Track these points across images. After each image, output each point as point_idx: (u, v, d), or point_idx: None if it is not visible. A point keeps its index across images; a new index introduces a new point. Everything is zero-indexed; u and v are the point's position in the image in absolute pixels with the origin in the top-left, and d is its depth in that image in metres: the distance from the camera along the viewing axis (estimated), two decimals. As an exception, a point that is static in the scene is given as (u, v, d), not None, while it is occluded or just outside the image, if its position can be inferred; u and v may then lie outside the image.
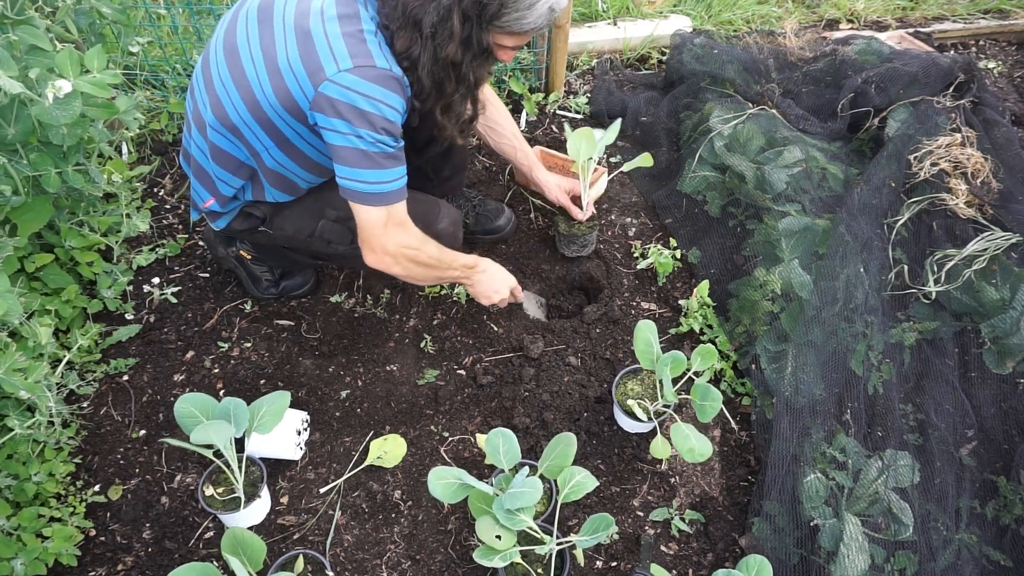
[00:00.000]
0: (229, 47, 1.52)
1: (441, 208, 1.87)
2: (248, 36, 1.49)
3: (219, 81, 1.53)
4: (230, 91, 1.51)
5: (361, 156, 1.43)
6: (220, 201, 1.74)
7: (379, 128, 1.41)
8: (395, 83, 1.42)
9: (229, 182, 1.69)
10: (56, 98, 1.48)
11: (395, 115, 1.44)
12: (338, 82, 1.37)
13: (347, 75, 1.36)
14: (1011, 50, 3.29)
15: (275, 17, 1.46)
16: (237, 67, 1.49)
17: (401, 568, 1.58)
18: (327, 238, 1.80)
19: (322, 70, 1.37)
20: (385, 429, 1.83)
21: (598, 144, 2.08)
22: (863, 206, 2.05)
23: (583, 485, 1.40)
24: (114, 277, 2.05)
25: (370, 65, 1.38)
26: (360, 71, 1.37)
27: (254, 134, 1.55)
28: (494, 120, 2.07)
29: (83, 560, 1.59)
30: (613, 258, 2.24)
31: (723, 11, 3.36)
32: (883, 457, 1.58)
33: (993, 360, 1.76)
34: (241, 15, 1.53)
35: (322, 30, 1.39)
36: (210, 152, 1.65)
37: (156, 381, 1.92)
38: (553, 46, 2.65)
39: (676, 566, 1.59)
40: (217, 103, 1.54)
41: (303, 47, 1.39)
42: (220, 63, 1.53)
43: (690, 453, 1.53)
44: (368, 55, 1.38)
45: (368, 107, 1.39)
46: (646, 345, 1.64)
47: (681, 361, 1.61)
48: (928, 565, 1.46)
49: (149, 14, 2.62)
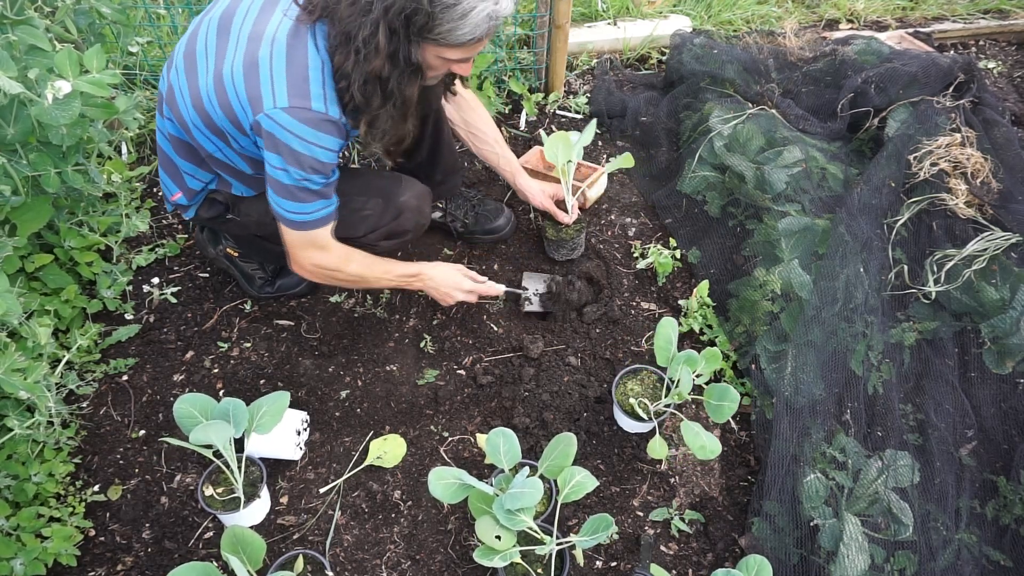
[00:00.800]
0: (189, 53, 1.55)
1: (403, 182, 1.85)
2: (207, 46, 1.51)
3: (177, 85, 1.56)
4: (185, 96, 1.54)
5: (284, 189, 1.49)
6: (187, 195, 1.77)
7: (306, 167, 1.45)
8: (330, 126, 1.44)
9: (195, 174, 1.72)
10: (55, 98, 1.48)
11: (327, 155, 1.47)
12: (273, 118, 1.40)
13: (282, 113, 1.40)
14: (1011, 50, 3.29)
15: (232, 30, 1.48)
16: (193, 74, 1.52)
17: (401, 568, 1.58)
18: None
19: (260, 101, 1.40)
20: (385, 429, 1.83)
21: (575, 147, 2.08)
22: (863, 206, 2.05)
23: (583, 485, 1.40)
24: (114, 277, 2.05)
25: (305, 108, 1.40)
26: (294, 112, 1.39)
27: (204, 136, 1.58)
28: (476, 127, 2.08)
29: (83, 560, 1.58)
30: (613, 258, 2.24)
31: (723, 11, 3.36)
32: (883, 457, 1.58)
33: (993, 360, 1.76)
34: (204, 23, 1.55)
35: (268, 61, 1.40)
36: (173, 147, 1.68)
37: (156, 381, 1.92)
38: (553, 46, 2.65)
39: (676, 566, 1.59)
40: (174, 105, 1.58)
41: (247, 75, 1.42)
42: (180, 68, 1.56)
43: (702, 450, 1.54)
44: (306, 96, 1.40)
45: (299, 147, 1.42)
46: (666, 342, 1.64)
47: (695, 360, 1.62)
48: (928, 565, 1.46)
49: (149, 14, 2.62)
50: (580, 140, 2.12)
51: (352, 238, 1.79)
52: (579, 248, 2.23)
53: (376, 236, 1.83)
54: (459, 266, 1.91)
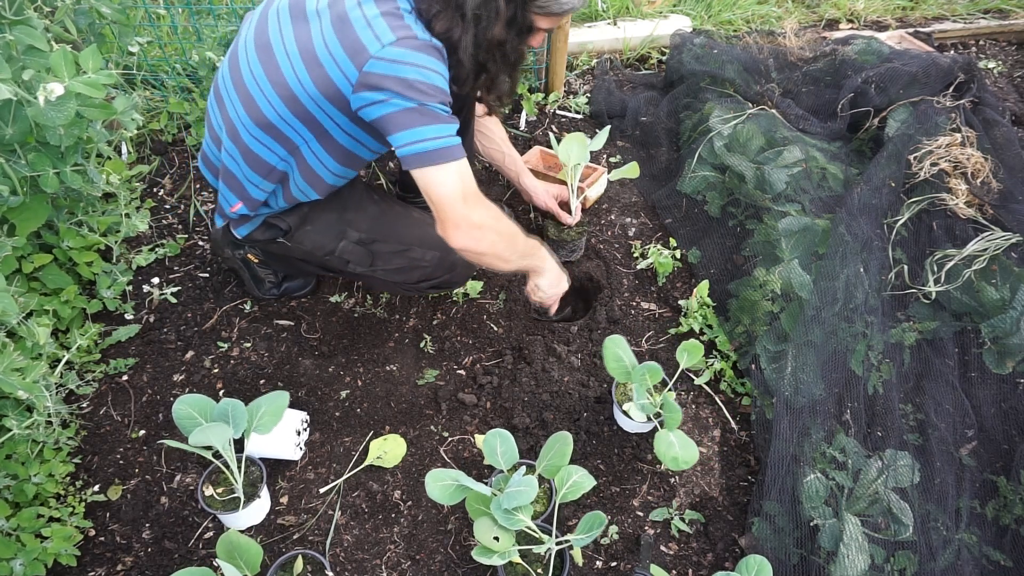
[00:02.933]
0: (261, 44, 1.50)
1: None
2: (281, 32, 1.48)
3: (252, 79, 1.52)
4: (264, 88, 1.49)
5: (415, 115, 1.37)
6: (250, 205, 1.71)
7: (427, 94, 1.37)
8: (438, 52, 1.40)
9: (260, 185, 1.66)
10: (48, 100, 1.47)
11: (442, 81, 1.40)
12: (383, 57, 1.34)
13: (392, 48, 1.34)
14: (1011, 50, 3.29)
15: (308, 10, 1.46)
16: (271, 63, 1.48)
17: (401, 568, 1.58)
18: (346, 258, 1.80)
19: (365, 50, 1.34)
20: (385, 429, 1.83)
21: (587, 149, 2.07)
22: (863, 206, 2.05)
23: (581, 485, 1.40)
24: (113, 277, 2.05)
25: (412, 36, 1.36)
26: (404, 42, 1.34)
27: (293, 128, 1.53)
28: (485, 125, 2.08)
29: (82, 560, 1.58)
30: (613, 258, 2.24)
31: (723, 11, 3.36)
32: (883, 457, 1.58)
33: (993, 360, 1.76)
34: (271, 13, 1.52)
35: (360, 13, 1.37)
36: (242, 155, 1.62)
37: (156, 381, 1.92)
38: (553, 46, 2.65)
39: (676, 566, 1.59)
40: (251, 102, 1.52)
41: (341, 32, 1.37)
42: (253, 62, 1.52)
43: (674, 462, 1.54)
44: (408, 28, 1.37)
45: (415, 75, 1.35)
46: (616, 361, 1.65)
47: (657, 371, 1.63)
48: (928, 565, 1.46)
49: (149, 14, 2.62)
50: (593, 144, 2.11)
51: (405, 283, 1.85)
52: (579, 251, 2.23)
53: (427, 285, 1.88)
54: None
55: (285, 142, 1.56)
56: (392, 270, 1.83)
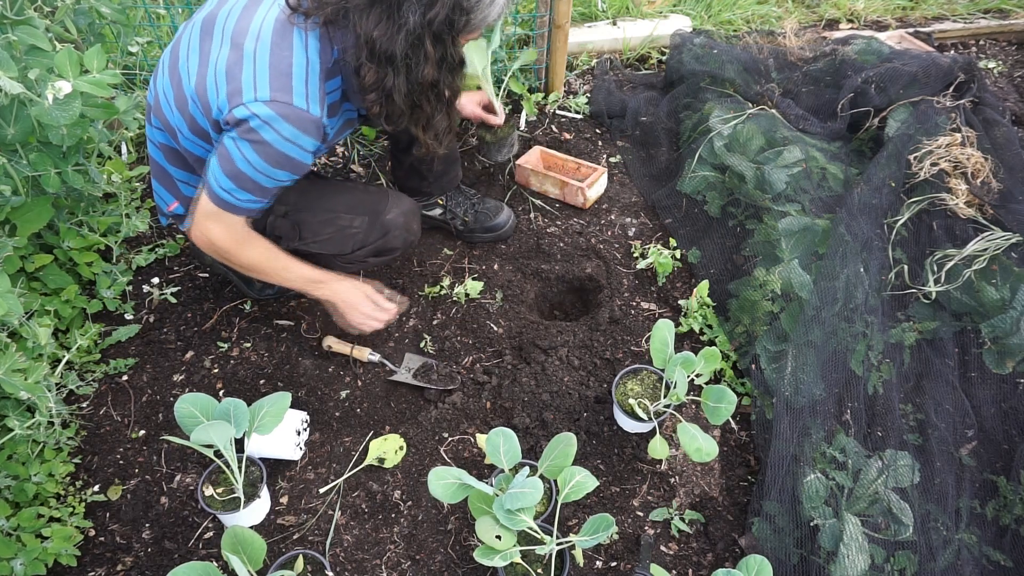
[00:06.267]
0: (173, 60, 1.54)
1: (390, 199, 1.85)
2: (189, 47, 1.51)
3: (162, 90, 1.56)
4: (170, 100, 1.53)
5: (236, 173, 1.44)
6: (183, 203, 1.75)
7: (275, 164, 1.43)
8: (311, 125, 1.42)
9: (190, 182, 1.71)
10: (56, 99, 1.48)
11: (303, 155, 1.45)
12: (251, 109, 1.36)
13: (261, 106, 1.36)
14: (1011, 50, 3.29)
15: (215, 29, 1.48)
16: (176, 81, 1.51)
17: (401, 568, 1.58)
18: (276, 234, 1.77)
19: (240, 94, 1.37)
20: (385, 429, 1.83)
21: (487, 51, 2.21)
22: (863, 206, 2.05)
23: (583, 485, 1.39)
24: (113, 277, 2.05)
25: (286, 102, 1.37)
26: (274, 105, 1.36)
27: (190, 140, 1.56)
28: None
29: (83, 560, 1.59)
30: (613, 258, 2.24)
31: (723, 11, 3.36)
32: (883, 457, 1.58)
33: (993, 360, 1.76)
34: (188, 27, 1.55)
35: (252, 55, 1.39)
36: (165, 154, 1.67)
37: (156, 381, 1.92)
38: (553, 46, 2.65)
39: (676, 566, 1.59)
40: (160, 112, 1.57)
41: (231, 68, 1.39)
42: (164, 74, 1.56)
43: (697, 453, 1.54)
44: (288, 91, 1.37)
45: (274, 142, 1.39)
46: (662, 344, 1.65)
47: (692, 362, 1.62)
48: (928, 565, 1.46)
49: (149, 14, 2.62)
50: (491, 45, 2.24)
51: (341, 254, 1.81)
52: (515, 147, 2.42)
53: (364, 253, 1.84)
54: (369, 288, 1.84)
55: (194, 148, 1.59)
56: (323, 240, 1.78)
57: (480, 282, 2.12)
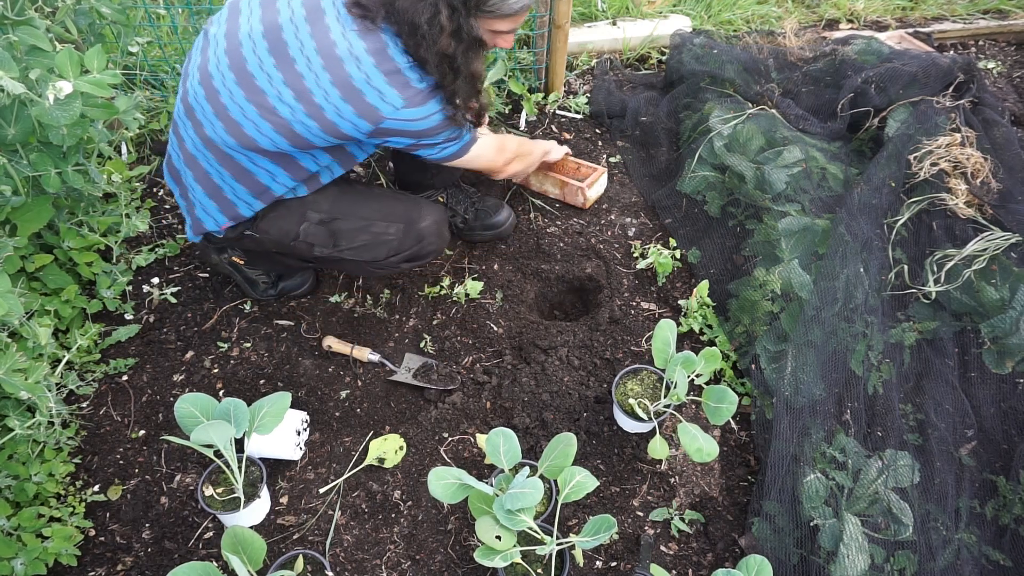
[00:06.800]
0: (238, 68, 1.51)
1: (423, 208, 1.88)
2: (262, 64, 1.49)
3: (234, 105, 1.52)
4: (252, 117, 1.52)
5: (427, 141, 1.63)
6: (235, 220, 1.74)
7: (437, 133, 1.62)
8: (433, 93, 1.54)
9: (251, 203, 1.70)
10: (56, 99, 1.48)
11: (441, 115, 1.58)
12: (396, 118, 1.51)
13: (403, 111, 1.51)
14: (1011, 50, 3.29)
15: (292, 52, 1.47)
16: (257, 94, 1.50)
17: (401, 568, 1.58)
18: (310, 241, 1.78)
19: (377, 112, 1.49)
20: (385, 429, 1.83)
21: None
22: (863, 206, 2.05)
23: (583, 485, 1.40)
24: (113, 277, 2.05)
25: (415, 91, 1.50)
26: (412, 102, 1.51)
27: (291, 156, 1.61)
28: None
29: (83, 560, 1.59)
30: (613, 258, 2.24)
31: (723, 11, 3.36)
32: (883, 457, 1.58)
33: (993, 360, 1.76)
34: (244, 36, 1.51)
35: (363, 76, 1.46)
36: (233, 173, 1.63)
37: (156, 381, 1.92)
38: (553, 46, 2.65)
39: (676, 566, 1.59)
40: (236, 128, 1.54)
41: (350, 97, 1.47)
42: (232, 86, 1.52)
43: (698, 453, 1.54)
44: (408, 83, 1.49)
45: (424, 126, 1.56)
46: (664, 344, 1.65)
47: (692, 362, 1.62)
48: (928, 565, 1.46)
49: (149, 14, 2.62)
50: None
51: (375, 260, 1.84)
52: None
53: (398, 259, 1.86)
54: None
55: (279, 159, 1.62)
56: (358, 248, 1.81)
57: (480, 282, 2.12)
